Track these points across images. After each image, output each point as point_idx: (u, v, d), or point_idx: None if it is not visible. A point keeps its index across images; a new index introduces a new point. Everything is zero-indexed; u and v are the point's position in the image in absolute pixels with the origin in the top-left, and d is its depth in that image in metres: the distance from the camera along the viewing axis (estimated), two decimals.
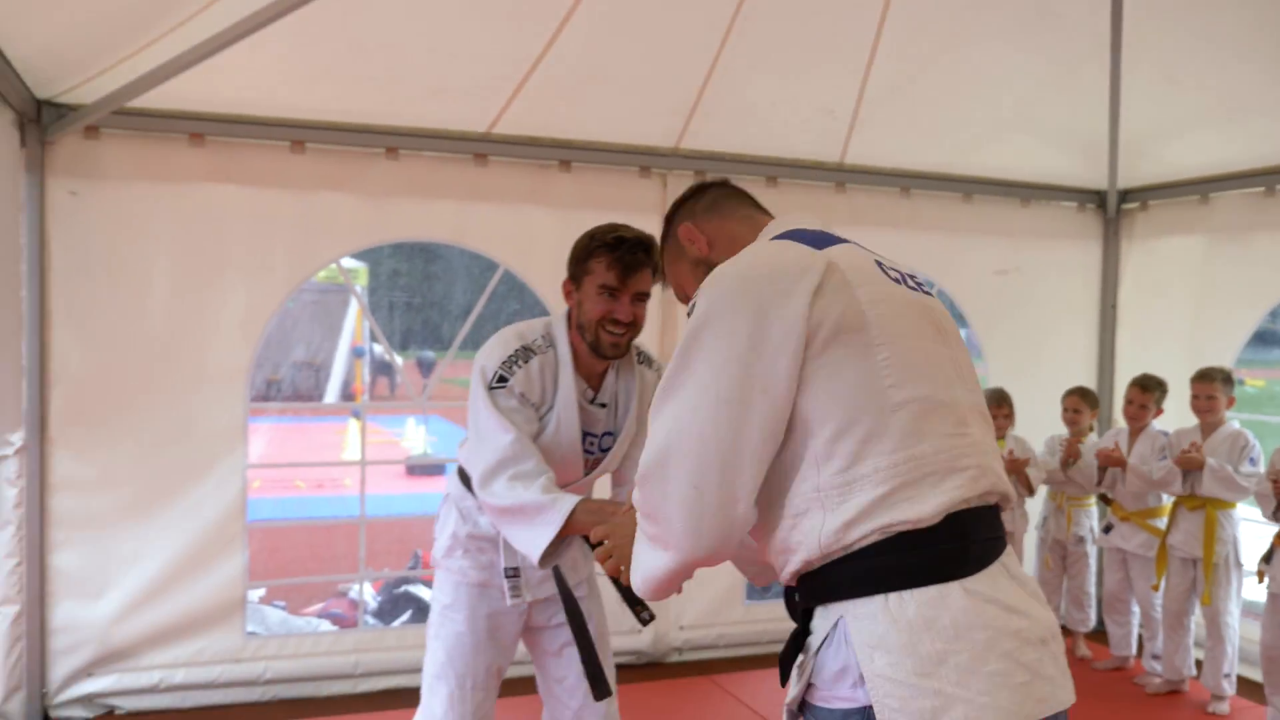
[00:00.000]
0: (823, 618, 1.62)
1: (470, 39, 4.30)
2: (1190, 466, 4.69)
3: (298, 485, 8.73)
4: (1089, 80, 5.20)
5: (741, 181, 5.18)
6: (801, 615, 1.69)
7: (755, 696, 4.69)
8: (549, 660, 2.92)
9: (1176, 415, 5.07)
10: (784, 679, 1.71)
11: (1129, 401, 5.12)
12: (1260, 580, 4.44)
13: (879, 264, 1.75)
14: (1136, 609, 5.24)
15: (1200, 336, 5.44)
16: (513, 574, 2.72)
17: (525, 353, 2.63)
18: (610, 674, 2.80)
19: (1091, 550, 5.49)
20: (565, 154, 4.95)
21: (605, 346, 2.63)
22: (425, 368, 10.84)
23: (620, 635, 5.10)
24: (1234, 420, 4.83)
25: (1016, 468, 5.13)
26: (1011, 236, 5.79)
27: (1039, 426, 5.61)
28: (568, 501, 2.40)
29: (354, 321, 11.46)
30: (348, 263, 11.71)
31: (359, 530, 5.03)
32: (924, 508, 1.55)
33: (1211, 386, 4.76)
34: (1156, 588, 4.97)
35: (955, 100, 5.18)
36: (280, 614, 4.97)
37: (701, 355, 1.61)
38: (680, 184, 5.08)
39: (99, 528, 4.36)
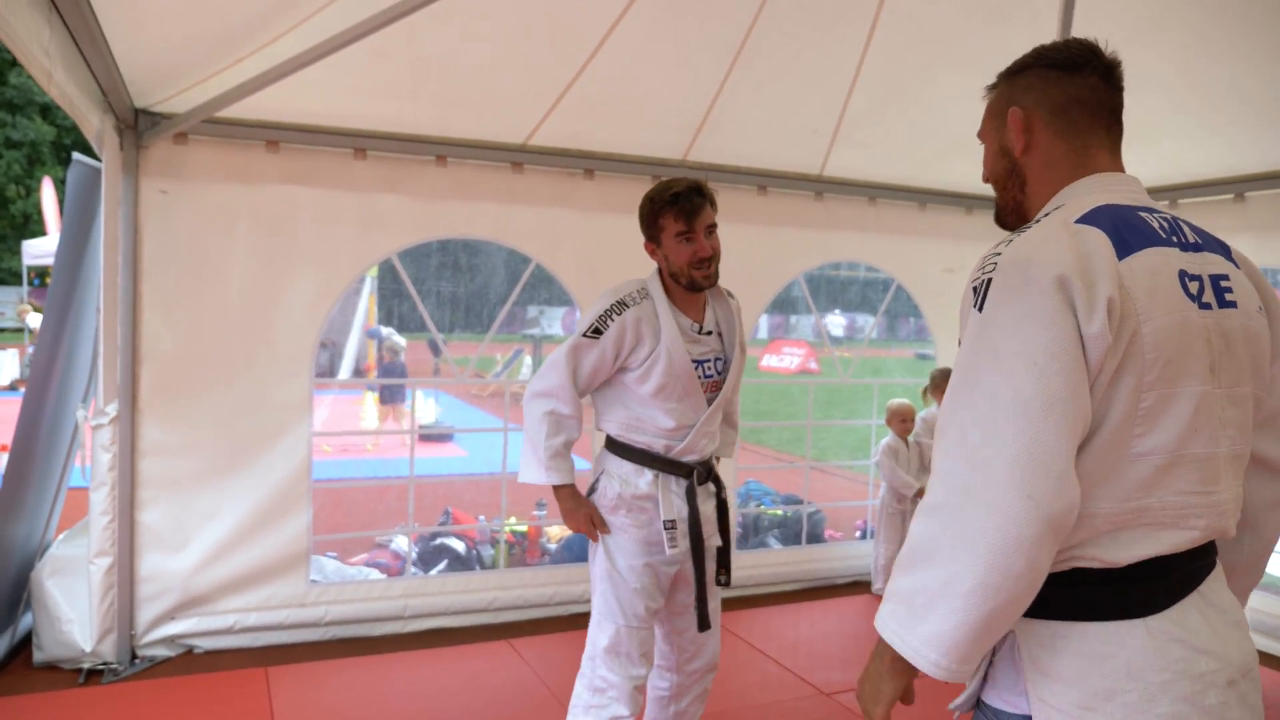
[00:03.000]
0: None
1: (515, 62, 4.32)
2: None
3: (325, 450, 8.68)
4: None
5: (736, 189, 5.39)
6: None
7: (750, 631, 4.84)
8: (675, 612, 2.97)
9: None
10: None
11: None
12: None
13: (1183, 278, 1.40)
14: None
15: None
16: (670, 526, 2.75)
17: (620, 307, 2.72)
18: (715, 616, 2.95)
19: None
20: (589, 163, 4.99)
21: (699, 280, 2.74)
22: (433, 349, 10.87)
23: None
24: None
25: None
26: (958, 239, 5.93)
27: None
28: (557, 478, 2.75)
29: (366, 306, 11.42)
30: None
31: (407, 490, 5.09)
32: (1122, 554, 1.34)
33: None
34: None
35: (915, 123, 5.26)
36: (335, 563, 5.00)
37: (1019, 324, 1.32)
38: None
39: (181, 488, 4.34)
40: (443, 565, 5.22)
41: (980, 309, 1.36)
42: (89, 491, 4.18)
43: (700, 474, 2.84)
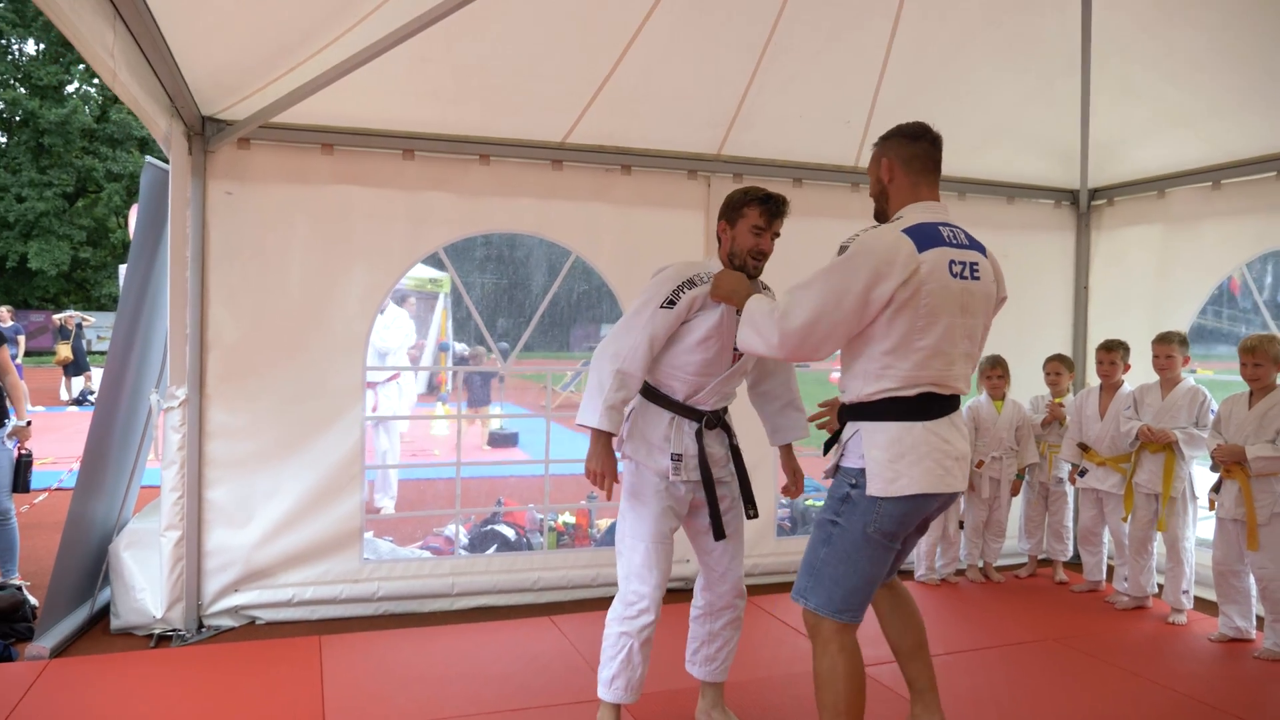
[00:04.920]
0: (851, 428, 2.81)
1: (550, 64, 4.54)
2: (1161, 443, 4.89)
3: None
4: (1063, 95, 5.41)
5: (771, 183, 5.52)
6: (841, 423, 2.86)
7: (787, 614, 4.93)
8: (699, 533, 3.39)
9: (1143, 374, 5.22)
10: (825, 452, 2.94)
11: (1099, 362, 5.32)
12: (1211, 508, 4.67)
13: (951, 264, 2.68)
14: (1107, 541, 5.51)
15: (1159, 309, 5.60)
16: (676, 459, 3.22)
17: (689, 284, 3.15)
18: (737, 533, 3.40)
19: (1069, 490, 5.74)
20: (626, 159, 5.17)
21: (750, 269, 3.23)
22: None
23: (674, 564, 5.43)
24: (1189, 377, 5.09)
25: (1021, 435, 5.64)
26: (999, 229, 5.91)
27: (1025, 388, 5.87)
28: (607, 425, 3.05)
29: (439, 321, 11.90)
30: (435, 273, 12.25)
31: (455, 481, 5.35)
32: (910, 392, 2.71)
33: (1169, 347, 4.96)
34: (1126, 519, 5.19)
35: (951, 112, 5.32)
36: (389, 545, 5.26)
37: (845, 269, 2.64)
38: (722, 185, 5.35)
39: (245, 468, 4.63)
40: (493, 549, 5.43)
41: (840, 255, 2.75)
42: (161, 470, 4.51)
43: (710, 420, 3.28)
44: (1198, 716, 3.75)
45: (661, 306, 3.12)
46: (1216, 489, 4.59)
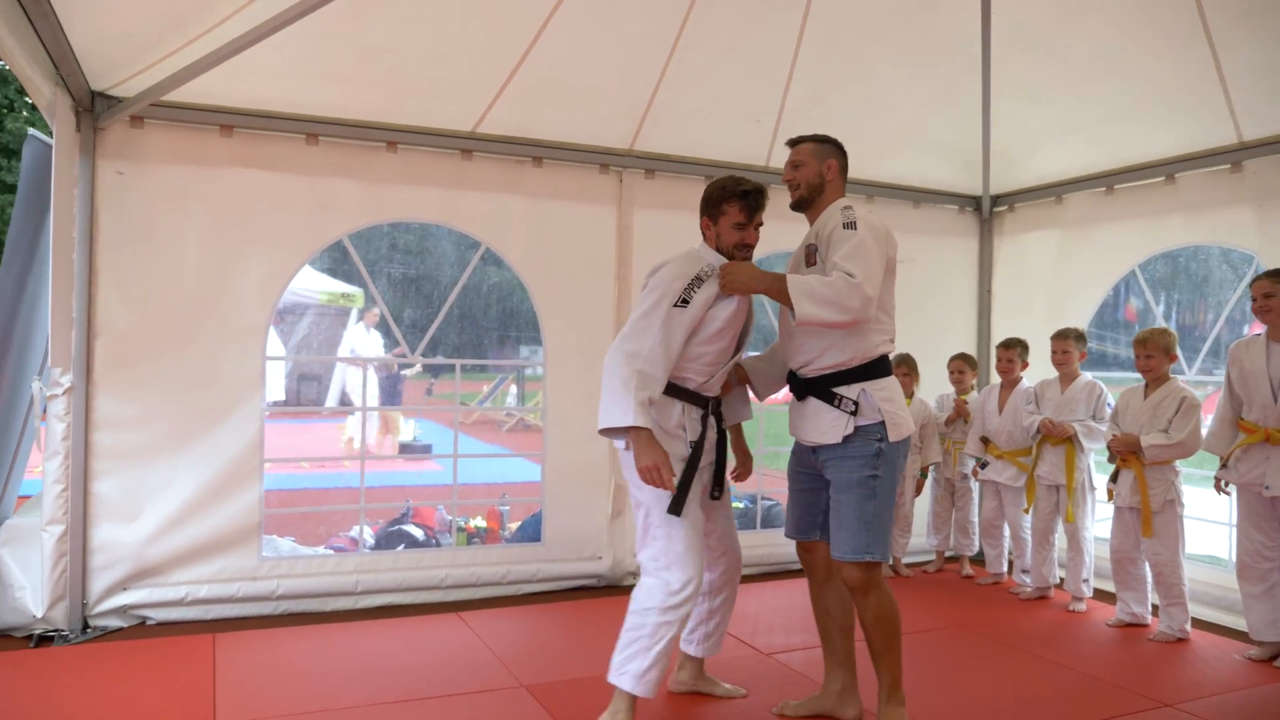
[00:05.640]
0: (855, 388, 3.13)
1: (458, 48, 4.48)
2: (1060, 438, 5.01)
3: (303, 465, 8.79)
4: (965, 100, 5.56)
5: (683, 180, 5.54)
6: (825, 389, 3.16)
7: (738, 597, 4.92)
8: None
9: (1044, 372, 5.36)
10: (811, 434, 3.22)
11: (999, 360, 5.45)
12: (1110, 498, 4.81)
13: None
14: (1007, 534, 5.60)
15: (1059, 310, 5.75)
16: (694, 444, 3.23)
17: (698, 281, 3.16)
18: (730, 514, 3.58)
19: (974, 486, 5.83)
20: (537, 151, 5.13)
21: (740, 259, 3.28)
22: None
23: (583, 561, 5.35)
24: (1086, 374, 5.23)
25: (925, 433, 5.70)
26: (907, 232, 5.83)
27: (932, 388, 5.98)
28: (644, 421, 3.02)
29: (350, 337, 11.66)
30: (348, 288, 12.09)
31: (361, 481, 5.20)
32: (891, 346, 3.21)
33: (1066, 343, 5.10)
34: (1028, 511, 5.31)
35: (859, 116, 5.40)
36: (290, 544, 5.07)
37: (877, 239, 3.07)
38: (634, 180, 5.36)
39: (135, 460, 4.43)
40: (400, 548, 5.28)
41: (855, 229, 3.06)
42: (43, 460, 4.27)
43: (712, 406, 3.33)
44: (1097, 692, 3.82)
45: (675, 306, 3.11)
46: (1114, 479, 4.71)
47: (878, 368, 3.16)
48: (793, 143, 3.37)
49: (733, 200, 3.24)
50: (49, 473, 4.25)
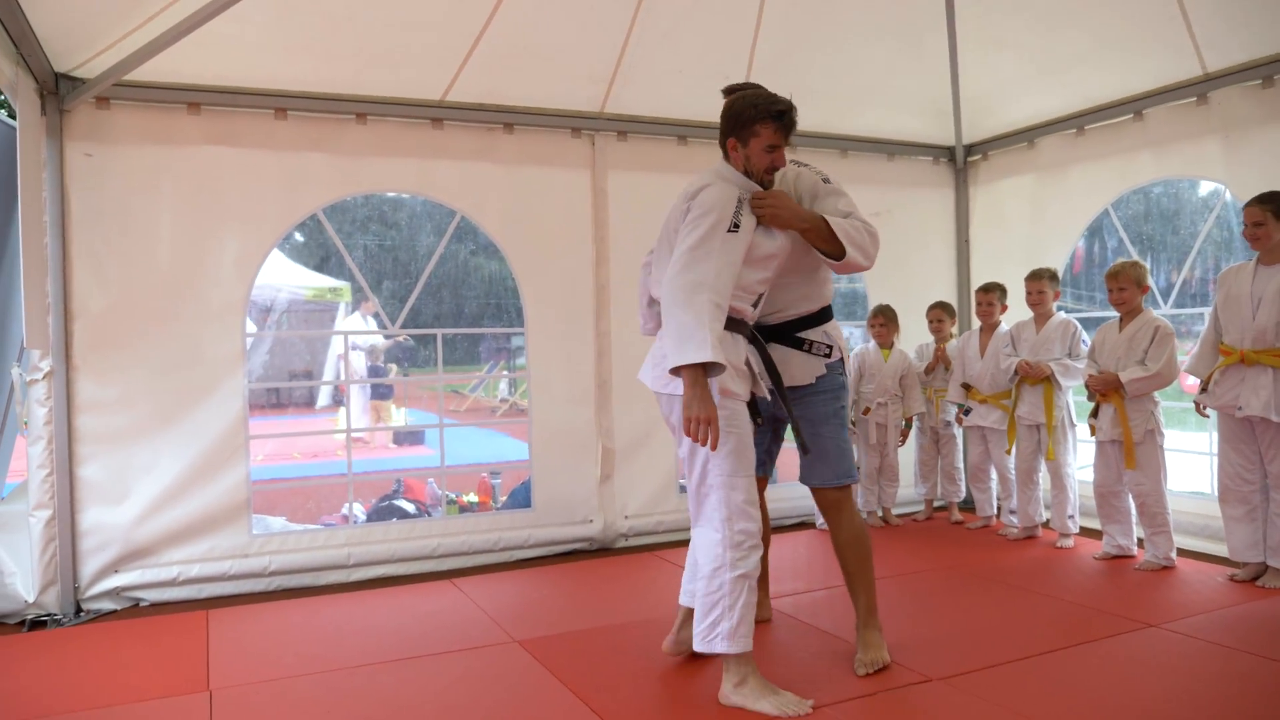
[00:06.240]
0: (818, 331, 3.29)
1: (421, 16, 4.44)
2: (1037, 378, 5.05)
3: (295, 455, 8.82)
4: (932, 51, 5.56)
5: (656, 141, 5.54)
6: (790, 335, 3.26)
7: None
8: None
9: (1021, 313, 5.38)
10: (779, 380, 3.20)
11: (978, 304, 5.48)
12: (1092, 433, 4.85)
13: None
14: (994, 478, 5.65)
15: (1035, 254, 5.74)
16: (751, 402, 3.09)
17: (741, 204, 2.96)
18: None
19: (958, 432, 5.87)
20: (508, 118, 5.12)
21: (766, 184, 3.10)
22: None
23: (574, 525, 5.37)
24: (1061, 312, 5.25)
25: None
26: (882, 185, 6.06)
27: (913, 338, 6.00)
28: (721, 357, 2.74)
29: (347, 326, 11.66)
30: (334, 282, 12.06)
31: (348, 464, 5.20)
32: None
33: (1040, 283, 5.12)
34: (1009, 452, 5.33)
35: (828, 70, 5.40)
36: (282, 522, 5.08)
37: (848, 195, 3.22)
38: (606, 143, 5.35)
39: (119, 442, 4.42)
40: (392, 521, 5.29)
41: (829, 183, 3.24)
42: (27, 446, 4.27)
43: (751, 335, 3.17)
44: (1084, 617, 3.86)
45: (729, 231, 2.89)
46: (1094, 414, 4.74)
47: (830, 311, 3.38)
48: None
49: (766, 121, 2.99)
50: (33, 458, 4.25)
